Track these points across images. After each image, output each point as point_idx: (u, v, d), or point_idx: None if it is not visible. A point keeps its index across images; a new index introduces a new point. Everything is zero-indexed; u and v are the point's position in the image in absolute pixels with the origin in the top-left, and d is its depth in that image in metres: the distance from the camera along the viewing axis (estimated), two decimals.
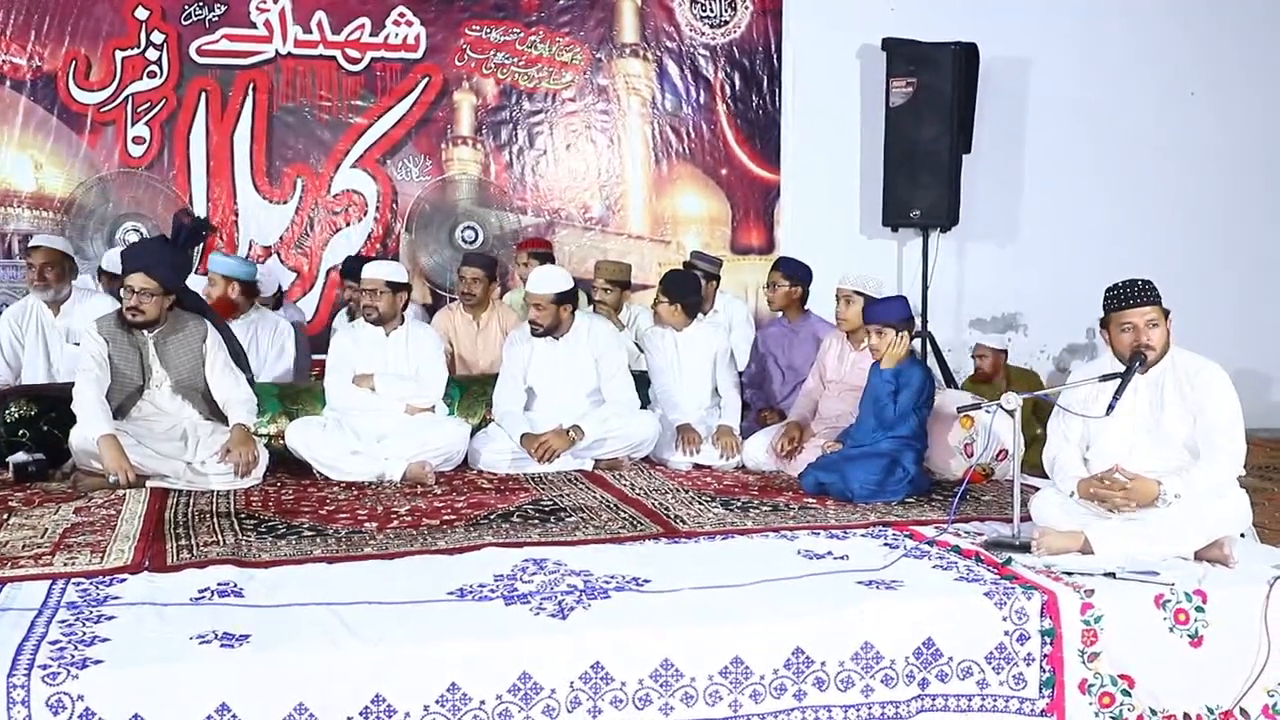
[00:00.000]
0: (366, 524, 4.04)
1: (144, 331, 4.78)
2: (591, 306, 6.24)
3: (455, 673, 2.80)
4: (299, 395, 5.42)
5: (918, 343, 6.39)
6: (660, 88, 7.42)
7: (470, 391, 5.56)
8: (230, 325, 5.28)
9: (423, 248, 7.21)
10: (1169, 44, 7.84)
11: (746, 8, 7.47)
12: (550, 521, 4.06)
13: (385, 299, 5.20)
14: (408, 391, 5.19)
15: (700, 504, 4.37)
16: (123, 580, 3.30)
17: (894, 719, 3.06)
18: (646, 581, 3.28)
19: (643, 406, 5.38)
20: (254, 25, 6.90)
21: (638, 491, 4.61)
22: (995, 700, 3.15)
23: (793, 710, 3.00)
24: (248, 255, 6.78)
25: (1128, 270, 3.90)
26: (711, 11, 7.44)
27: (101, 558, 3.54)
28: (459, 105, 7.19)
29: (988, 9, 7.48)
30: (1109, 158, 7.78)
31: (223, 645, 2.78)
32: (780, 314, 5.84)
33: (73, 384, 4.71)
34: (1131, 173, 7.80)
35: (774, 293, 5.75)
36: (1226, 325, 7.22)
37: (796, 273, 5.74)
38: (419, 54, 7.09)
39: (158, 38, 6.80)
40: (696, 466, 5.18)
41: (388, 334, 5.26)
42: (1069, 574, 3.31)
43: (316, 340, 6.47)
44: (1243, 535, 3.66)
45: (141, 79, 6.80)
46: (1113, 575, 3.30)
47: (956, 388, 6.57)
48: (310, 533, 3.91)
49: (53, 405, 4.95)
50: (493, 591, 3.18)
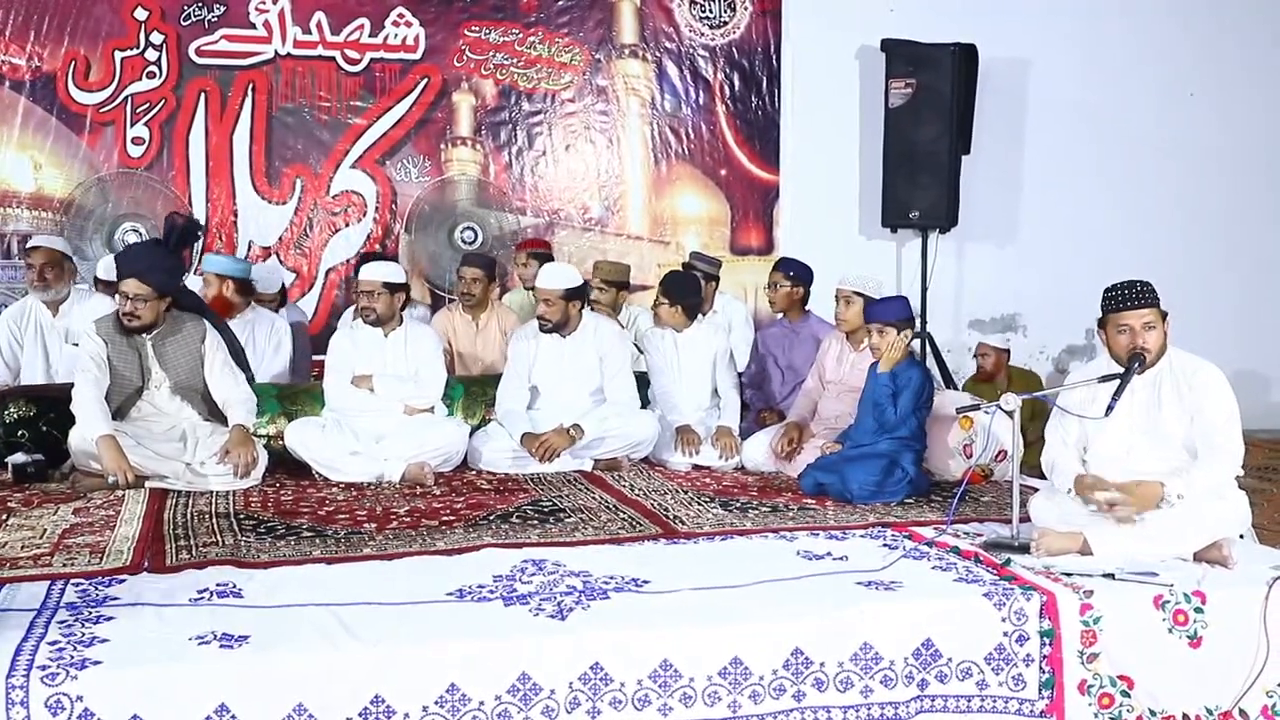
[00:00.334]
0: (365, 525, 4.04)
1: (142, 334, 4.78)
2: (589, 306, 6.22)
3: (454, 673, 2.80)
4: (298, 396, 5.41)
5: (917, 344, 6.39)
6: (659, 88, 7.41)
7: (471, 391, 5.56)
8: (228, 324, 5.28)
9: (422, 248, 7.21)
10: (1169, 44, 7.84)
11: (746, 8, 7.46)
12: (549, 522, 4.06)
13: (383, 300, 5.20)
14: (407, 392, 5.19)
15: (699, 505, 4.37)
16: (122, 581, 3.30)
17: None
18: (646, 582, 3.28)
19: (642, 407, 5.39)
20: (253, 26, 6.89)
21: (637, 492, 4.61)
22: (994, 701, 3.15)
23: (792, 711, 3.00)
24: (247, 256, 6.77)
25: (1128, 271, 3.89)
26: (711, 12, 7.43)
27: (101, 558, 3.54)
28: (458, 106, 7.18)
29: (987, 9, 7.47)
30: (1109, 158, 7.77)
31: (222, 646, 2.78)
32: (781, 314, 5.84)
33: (72, 384, 4.71)
34: (1131, 173, 7.80)
35: (775, 293, 5.75)
36: (1227, 326, 7.22)
37: (798, 273, 5.74)
38: (418, 55, 7.08)
39: (157, 38, 6.79)
40: (696, 467, 5.18)
41: (386, 335, 5.26)
42: (1068, 575, 3.31)
43: (317, 340, 6.47)
44: (1242, 536, 3.66)
45: (141, 79, 6.79)
46: (1112, 576, 3.30)
47: (956, 388, 6.56)
48: (309, 533, 3.90)
49: (52, 406, 4.95)
50: (492, 592, 3.18)
